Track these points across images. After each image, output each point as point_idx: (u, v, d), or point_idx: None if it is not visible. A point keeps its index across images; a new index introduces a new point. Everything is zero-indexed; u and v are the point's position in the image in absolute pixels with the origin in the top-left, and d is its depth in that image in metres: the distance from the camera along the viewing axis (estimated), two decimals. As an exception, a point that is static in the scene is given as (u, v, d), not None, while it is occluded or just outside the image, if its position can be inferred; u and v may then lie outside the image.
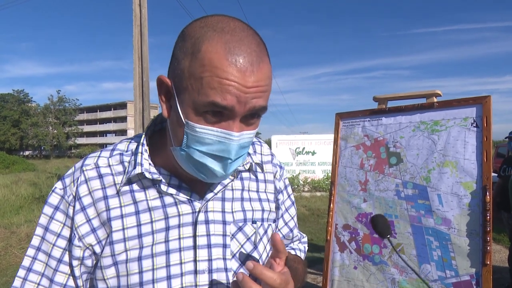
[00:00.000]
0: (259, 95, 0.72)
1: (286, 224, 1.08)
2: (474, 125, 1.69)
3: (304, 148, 12.51)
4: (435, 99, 1.86)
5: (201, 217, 0.83)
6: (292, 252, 1.12)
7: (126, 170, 0.84)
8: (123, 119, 68.42)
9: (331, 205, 2.14)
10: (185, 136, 0.74)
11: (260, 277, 0.70)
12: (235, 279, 0.73)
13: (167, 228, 0.81)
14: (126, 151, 0.88)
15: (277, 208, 1.04)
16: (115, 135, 70.88)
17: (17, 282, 0.83)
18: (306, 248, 1.18)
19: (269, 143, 12.83)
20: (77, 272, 0.82)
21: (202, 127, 0.72)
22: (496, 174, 5.15)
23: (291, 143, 12.53)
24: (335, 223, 2.12)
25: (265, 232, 0.94)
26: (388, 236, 1.18)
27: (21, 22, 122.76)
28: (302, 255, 1.14)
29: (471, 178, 1.65)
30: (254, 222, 0.91)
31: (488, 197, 1.58)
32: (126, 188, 0.83)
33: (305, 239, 1.19)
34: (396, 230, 1.85)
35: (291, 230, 1.11)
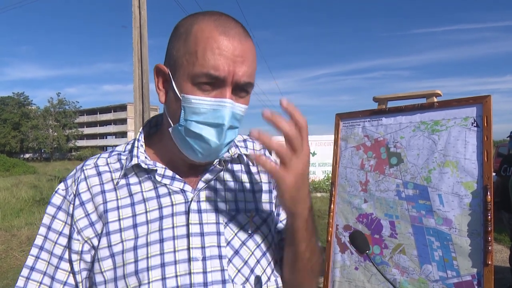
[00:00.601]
0: (245, 68, 0.78)
1: None
2: (475, 124, 1.69)
3: (304, 149, 12.50)
4: (435, 99, 1.86)
5: (194, 206, 0.86)
6: None
7: (124, 166, 0.88)
8: (123, 121, 68.46)
9: (332, 206, 2.14)
10: (182, 111, 0.80)
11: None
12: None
13: (161, 218, 0.84)
14: (124, 151, 0.93)
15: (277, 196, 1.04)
16: (115, 137, 70.92)
17: (20, 281, 0.86)
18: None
19: (269, 144, 12.81)
20: (76, 267, 0.84)
21: (197, 98, 0.78)
22: (494, 174, 5.15)
23: (291, 144, 12.52)
24: (335, 223, 2.12)
25: (264, 221, 0.95)
26: (367, 251, 1.18)
27: (21, 25, 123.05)
28: None
29: (472, 178, 1.65)
30: (248, 211, 0.93)
31: (489, 196, 1.58)
32: (123, 182, 0.87)
33: None
34: (397, 230, 1.85)
35: None
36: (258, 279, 0.88)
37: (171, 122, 0.84)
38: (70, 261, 0.84)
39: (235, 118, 0.81)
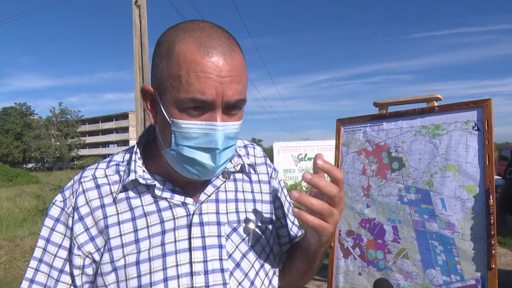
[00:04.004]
0: (235, 86, 0.75)
1: (293, 223, 1.10)
2: (476, 128, 1.69)
3: (306, 155, 12.49)
4: (435, 103, 1.86)
5: (196, 219, 0.85)
6: None
7: (122, 179, 0.86)
8: (125, 129, 68.57)
9: (334, 212, 2.13)
10: (172, 135, 0.77)
11: (304, 204, 0.74)
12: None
13: (163, 232, 0.83)
14: (122, 162, 0.91)
15: (280, 207, 1.05)
16: (117, 146, 70.97)
17: None
18: None
19: (271, 150, 12.82)
20: (78, 282, 0.83)
21: (186, 123, 0.75)
22: (499, 177, 5.12)
23: (293, 150, 12.52)
24: (338, 229, 2.11)
25: (263, 233, 0.95)
26: None
27: (22, 36, 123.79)
28: None
29: (474, 181, 1.65)
30: (248, 223, 0.92)
31: (491, 200, 1.58)
32: (122, 195, 0.85)
33: None
34: (399, 235, 1.84)
35: (299, 229, 1.12)
36: None
37: (163, 145, 0.82)
38: (72, 275, 0.83)
39: (229, 138, 0.78)
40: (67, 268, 0.84)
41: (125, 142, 67.73)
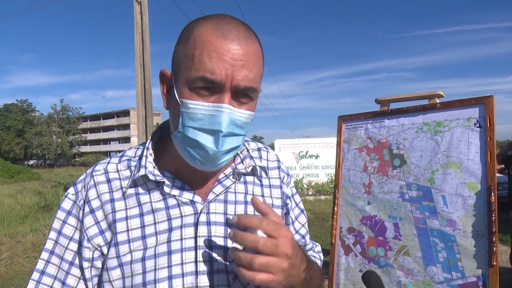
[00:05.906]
0: (246, 72, 0.74)
1: (297, 232, 1.08)
2: (477, 125, 1.68)
3: (307, 152, 12.50)
4: (437, 100, 1.85)
5: (203, 218, 0.84)
6: None
7: (132, 174, 0.87)
8: (126, 126, 68.65)
9: (335, 209, 2.14)
10: (180, 116, 0.77)
11: (244, 243, 0.70)
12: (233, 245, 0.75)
13: (170, 229, 0.83)
14: (134, 157, 0.91)
15: (286, 214, 1.03)
16: (119, 143, 71.10)
17: (31, 284, 0.86)
18: (322, 257, 1.17)
19: (272, 147, 12.82)
20: (87, 275, 0.84)
21: (194, 103, 0.75)
22: (500, 175, 5.12)
23: (294, 147, 12.52)
24: (339, 226, 2.11)
25: None
26: None
27: (23, 34, 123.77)
28: (318, 262, 1.13)
29: (476, 178, 1.64)
30: None
31: (493, 197, 1.57)
32: (132, 191, 0.85)
33: (319, 248, 1.18)
34: (401, 232, 1.84)
35: (303, 237, 1.10)
36: None
37: (172, 129, 0.82)
38: (81, 268, 0.84)
39: (236, 125, 0.77)
40: (77, 261, 0.84)
41: (126, 139, 67.84)
